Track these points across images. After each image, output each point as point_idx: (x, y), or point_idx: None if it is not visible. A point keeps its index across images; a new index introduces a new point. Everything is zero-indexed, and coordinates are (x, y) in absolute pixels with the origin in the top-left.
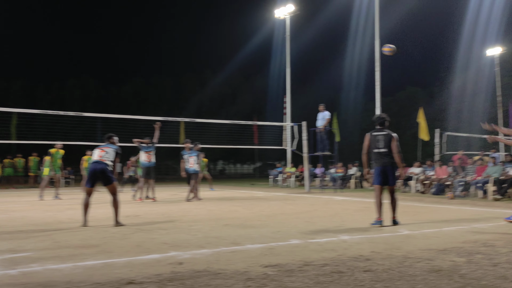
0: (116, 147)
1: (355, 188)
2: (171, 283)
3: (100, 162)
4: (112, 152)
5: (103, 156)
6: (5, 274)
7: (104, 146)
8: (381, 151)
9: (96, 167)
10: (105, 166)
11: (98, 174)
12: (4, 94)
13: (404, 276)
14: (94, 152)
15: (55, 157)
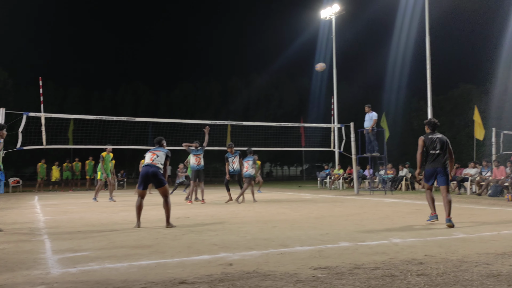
0: (166, 151)
1: (407, 190)
2: (221, 284)
3: (152, 165)
4: (162, 155)
5: (155, 159)
6: (66, 272)
7: (155, 149)
8: (437, 152)
9: (148, 170)
10: (157, 169)
11: (150, 177)
12: (62, 102)
13: (460, 280)
14: (146, 155)
15: (106, 160)
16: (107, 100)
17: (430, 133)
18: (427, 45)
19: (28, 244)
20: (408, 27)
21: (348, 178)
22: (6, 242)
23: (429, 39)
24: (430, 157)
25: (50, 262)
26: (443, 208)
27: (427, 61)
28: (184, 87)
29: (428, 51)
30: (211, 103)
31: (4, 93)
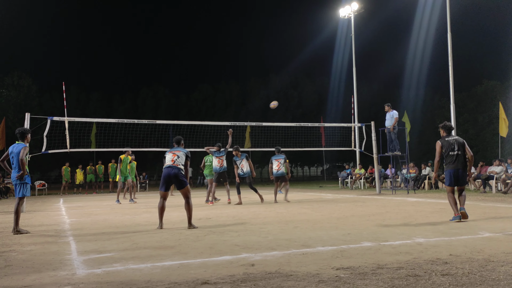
0: (186, 151)
1: (430, 189)
2: (244, 284)
3: (174, 166)
4: (183, 156)
5: (176, 160)
6: (92, 273)
7: (175, 150)
8: (456, 153)
9: (170, 171)
10: (178, 170)
11: (172, 178)
12: (85, 106)
13: (487, 280)
14: (166, 156)
15: (124, 162)
16: (128, 103)
17: (446, 136)
18: (449, 42)
19: (54, 245)
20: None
21: (369, 177)
22: (33, 244)
23: (451, 35)
24: (449, 159)
25: (75, 263)
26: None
27: (449, 57)
28: (204, 89)
29: (450, 48)
30: (231, 105)
31: (29, 98)
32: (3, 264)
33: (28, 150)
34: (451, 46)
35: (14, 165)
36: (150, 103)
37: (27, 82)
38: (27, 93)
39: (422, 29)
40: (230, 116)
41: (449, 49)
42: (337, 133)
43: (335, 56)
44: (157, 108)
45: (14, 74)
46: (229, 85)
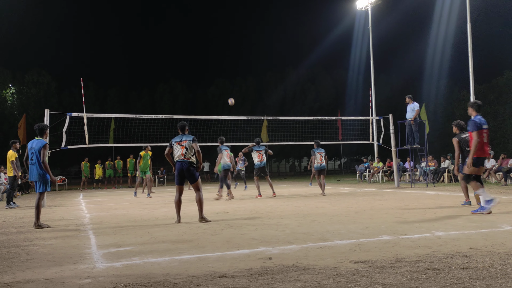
0: (191, 137)
1: (449, 182)
2: (261, 278)
3: (185, 161)
4: (190, 145)
5: (186, 154)
6: (111, 266)
7: (181, 140)
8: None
9: (182, 166)
10: (190, 164)
11: (184, 173)
12: (103, 102)
13: (508, 274)
14: (175, 148)
15: (144, 158)
16: (145, 99)
17: (460, 133)
18: (469, 32)
19: (74, 239)
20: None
21: (388, 171)
22: (54, 238)
23: (470, 25)
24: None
25: (95, 257)
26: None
27: (468, 48)
28: (220, 84)
29: (469, 38)
30: (248, 99)
31: (48, 95)
32: (25, 257)
33: (48, 148)
34: (470, 36)
35: (33, 160)
36: (167, 99)
37: (46, 79)
38: (47, 90)
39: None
40: (247, 111)
41: (469, 39)
42: (355, 126)
43: (353, 49)
44: (174, 103)
45: (34, 72)
46: (245, 80)
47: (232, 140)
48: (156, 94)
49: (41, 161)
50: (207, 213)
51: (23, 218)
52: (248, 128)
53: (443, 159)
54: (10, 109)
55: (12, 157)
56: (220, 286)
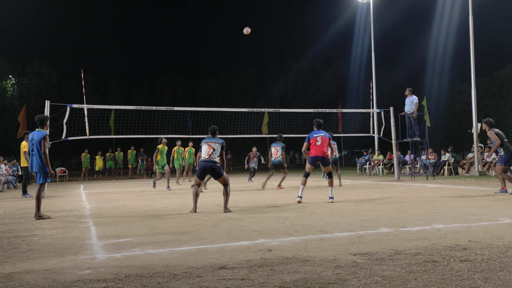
0: (221, 141)
1: (449, 175)
2: (261, 269)
3: (209, 160)
4: (218, 148)
5: (211, 154)
6: (111, 257)
7: (211, 141)
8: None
9: (206, 165)
10: (214, 164)
11: (207, 171)
12: (103, 94)
13: (507, 266)
14: (202, 147)
15: (162, 152)
16: (146, 90)
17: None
18: (470, 25)
19: (75, 230)
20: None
21: (388, 164)
22: (54, 229)
23: (472, 18)
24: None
25: (95, 248)
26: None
27: (470, 41)
28: (221, 75)
29: (471, 31)
30: (248, 91)
31: (49, 86)
32: (26, 248)
33: (48, 139)
34: (472, 29)
35: (34, 151)
36: (167, 90)
37: (47, 70)
38: (47, 81)
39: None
40: (248, 103)
41: (471, 32)
42: (356, 119)
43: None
44: (174, 95)
45: (35, 62)
46: (246, 72)
47: (232, 132)
48: (156, 86)
49: (41, 153)
50: (207, 205)
51: (23, 209)
52: (249, 121)
53: (443, 152)
54: (11, 100)
55: (25, 148)
56: (219, 277)
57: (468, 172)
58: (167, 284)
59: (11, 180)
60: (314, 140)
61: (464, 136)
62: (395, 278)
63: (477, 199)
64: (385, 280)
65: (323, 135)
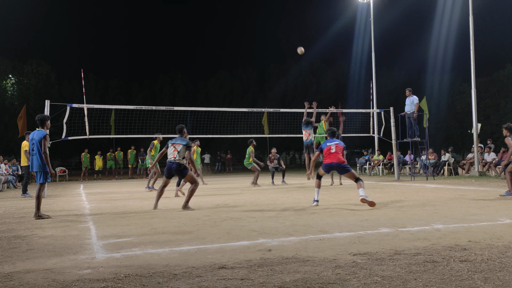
0: (185, 142)
1: (449, 176)
2: (261, 269)
3: (174, 162)
4: (183, 150)
5: (176, 156)
6: (111, 257)
7: (176, 142)
8: None
9: (171, 166)
10: (178, 165)
11: (173, 172)
12: (103, 93)
13: (507, 267)
14: (169, 148)
15: (156, 148)
16: (146, 90)
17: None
18: (471, 25)
19: (74, 230)
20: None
21: (388, 164)
22: (54, 228)
23: (473, 18)
24: None
25: (95, 248)
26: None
27: (470, 41)
28: (221, 75)
29: (471, 31)
30: (248, 91)
31: (48, 86)
32: (25, 248)
33: (49, 139)
34: (472, 29)
35: (34, 151)
36: (167, 90)
37: (45, 70)
38: (46, 81)
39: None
40: (248, 103)
41: (471, 32)
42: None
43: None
44: (174, 94)
45: (33, 62)
46: (246, 72)
47: (232, 132)
48: (156, 86)
49: (41, 152)
50: (207, 205)
51: (23, 208)
52: (249, 120)
53: (443, 152)
54: (11, 100)
55: (26, 147)
56: (219, 277)
57: (468, 172)
58: (166, 283)
59: (11, 180)
60: (328, 149)
61: (464, 136)
62: (395, 278)
63: (477, 200)
64: (384, 280)
65: (337, 143)
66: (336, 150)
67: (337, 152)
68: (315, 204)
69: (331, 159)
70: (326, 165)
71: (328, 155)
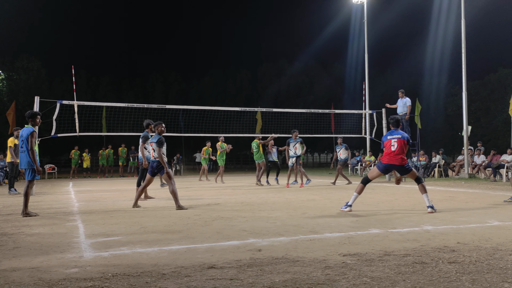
0: (156, 139)
1: (440, 177)
2: (250, 269)
3: (154, 160)
4: (156, 147)
5: (154, 154)
6: (99, 256)
7: (152, 141)
8: None
9: (152, 164)
10: (158, 163)
11: (154, 170)
12: (95, 90)
13: (494, 269)
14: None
15: None
16: (138, 88)
17: None
18: (463, 29)
19: (62, 228)
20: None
21: None
22: (42, 226)
23: (465, 22)
24: None
25: (83, 246)
26: None
27: (462, 45)
28: (214, 74)
29: (463, 35)
30: (241, 90)
31: (39, 82)
32: (12, 245)
33: (36, 136)
34: (464, 33)
35: (23, 148)
36: (160, 88)
37: (36, 65)
38: (36, 77)
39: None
40: (241, 102)
41: (463, 36)
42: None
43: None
44: (167, 93)
45: (24, 58)
46: (240, 71)
47: (225, 131)
48: (148, 84)
49: (29, 149)
50: (198, 204)
51: (10, 206)
52: (242, 120)
53: (434, 154)
54: (0, 95)
55: (11, 143)
56: (208, 277)
57: (458, 174)
58: (155, 283)
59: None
60: (388, 143)
61: (455, 139)
62: (384, 279)
63: (466, 201)
64: (374, 281)
65: (399, 137)
66: (398, 148)
67: (399, 151)
68: (349, 209)
69: (390, 160)
70: (384, 165)
71: (388, 152)
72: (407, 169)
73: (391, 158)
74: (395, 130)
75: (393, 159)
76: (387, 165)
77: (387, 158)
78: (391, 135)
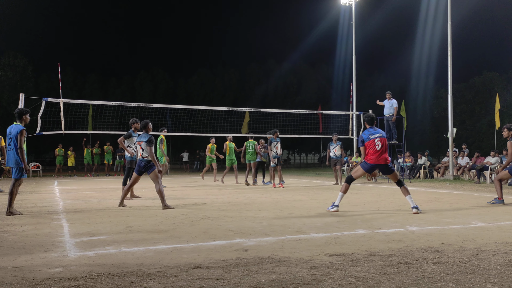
0: (147, 138)
1: (425, 179)
2: (236, 269)
3: (142, 159)
4: (145, 146)
5: (143, 154)
6: (83, 255)
7: (140, 140)
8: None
9: (139, 163)
10: (146, 162)
11: (142, 169)
12: (81, 88)
13: (477, 269)
14: (138, 147)
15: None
16: (125, 86)
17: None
18: (449, 32)
19: (46, 227)
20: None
21: None
22: (25, 225)
23: (451, 25)
24: None
25: (67, 245)
26: None
27: (448, 48)
28: (202, 73)
29: (449, 38)
30: (230, 90)
31: (24, 79)
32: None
33: (25, 134)
34: (450, 36)
35: (11, 146)
36: (148, 86)
37: (22, 62)
38: (22, 74)
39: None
40: (229, 102)
41: (449, 39)
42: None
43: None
44: (154, 91)
45: (10, 54)
46: (228, 71)
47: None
48: (136, 82)
49: (18, 147)
50: (184, 203)
51: None
52: (229, 119)
53: (419, 156)
54: None
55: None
56: (194, 277)
57: (443, 175)
58: (140, 283)
59: None
60: (371, 143)
61: (440, 141)
62: (369, 279)
63: (451, 203)
64: (359, 281)
65: (381, 135)
66: (382, 146)
67: (384, 150)
68: (336, 209)
69: (378, 160)
70: (370, 165)
71: (372, 152)
72: (391, 169)
73: (378, 158)
74: (372, 128)
75: (379, 159)
76: (373, 165)
77: (373, 158)
78: (373, 135)
